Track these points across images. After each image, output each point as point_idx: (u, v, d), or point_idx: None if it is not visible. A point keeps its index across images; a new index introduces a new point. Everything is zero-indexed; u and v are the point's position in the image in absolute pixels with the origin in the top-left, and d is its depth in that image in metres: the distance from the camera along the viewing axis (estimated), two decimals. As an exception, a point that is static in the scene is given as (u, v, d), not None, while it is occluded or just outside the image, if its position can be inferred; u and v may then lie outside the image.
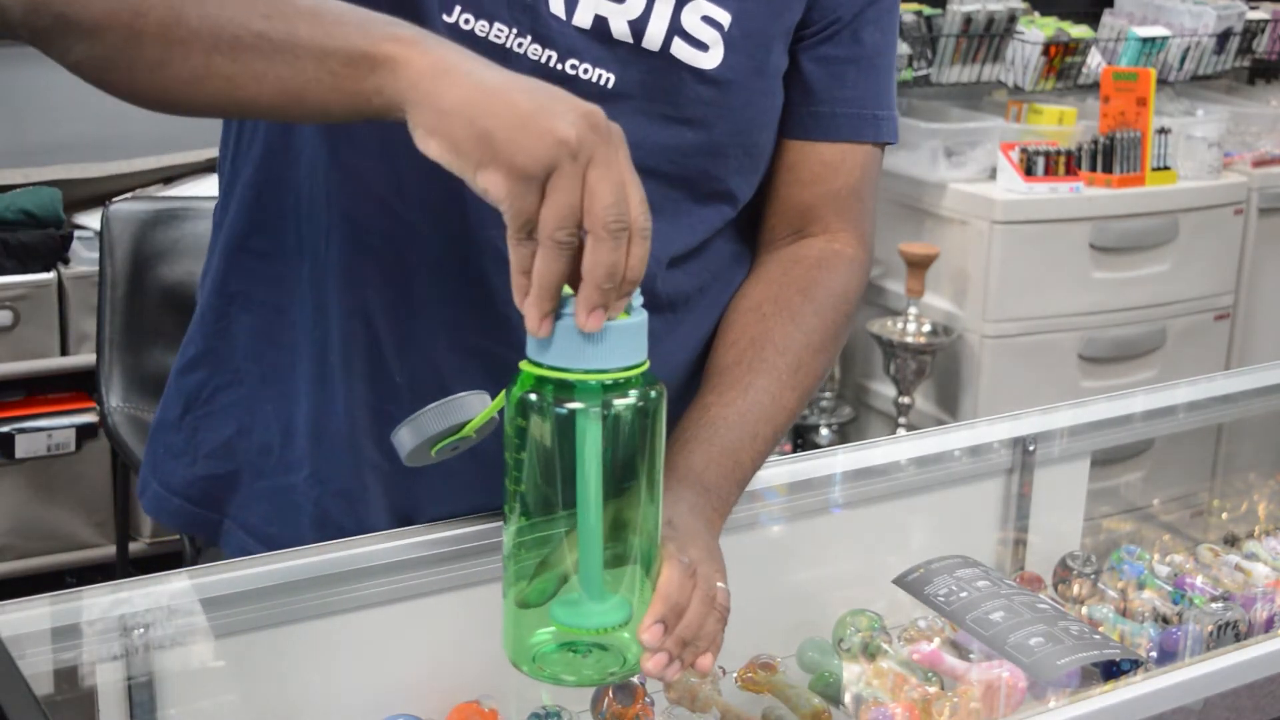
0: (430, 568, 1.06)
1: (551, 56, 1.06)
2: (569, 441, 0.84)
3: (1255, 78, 4.06)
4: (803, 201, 1.20)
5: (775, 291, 1.17)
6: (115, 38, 0.89)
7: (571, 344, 0.83)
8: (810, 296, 1.17)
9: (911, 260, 3.20)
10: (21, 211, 2.73)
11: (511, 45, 1.05)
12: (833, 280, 1.19)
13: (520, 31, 1.05)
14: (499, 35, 1.05)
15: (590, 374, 0.84)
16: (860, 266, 1.22)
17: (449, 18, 1.04)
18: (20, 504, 2.75)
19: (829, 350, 1.17)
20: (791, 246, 1.21)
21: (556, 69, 1.06)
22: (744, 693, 1.12)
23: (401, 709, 1.04)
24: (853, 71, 1.18)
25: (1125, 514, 1.50)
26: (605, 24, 1.07)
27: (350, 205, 1.10)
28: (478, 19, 1.04)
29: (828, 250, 1.20)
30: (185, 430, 1.21)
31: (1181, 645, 1.17)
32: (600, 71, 1.07)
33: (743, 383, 1.11)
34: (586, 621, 0.87)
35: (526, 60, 1.05)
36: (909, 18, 3.44)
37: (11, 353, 2.71)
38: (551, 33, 1.06)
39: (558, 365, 0.84)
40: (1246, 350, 3.58)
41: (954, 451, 1.31)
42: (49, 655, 0.96)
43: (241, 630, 1.01)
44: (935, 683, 1.09)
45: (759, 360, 1.12)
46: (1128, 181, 3.31)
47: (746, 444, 1.08)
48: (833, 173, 1.20)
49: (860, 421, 3.54)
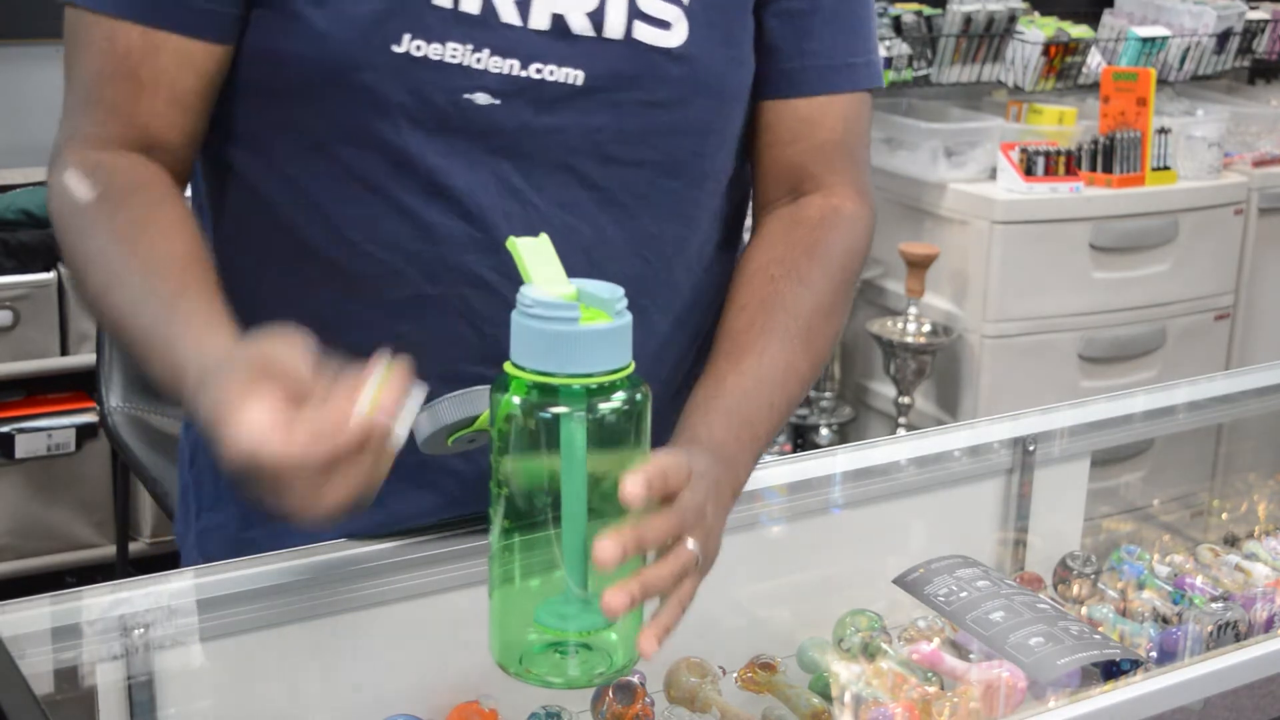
0: (430, 568, 1.06)
1: (514, 65, 1.05)
2: (554, 445, 0.84)
3: (1255, 78, 4.06)
4: (789, 161, 1.19)
5: (781, 253, 1.15)
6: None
7: (556, 348, 0.83)
8: (816, 257, 1.15)
9: (911, 260, 3.20)
10: (21, 211, 2.73)
11: (469, 63, 1.04)
12: (837, 239, 1.17)
13: (476, 47, 1.04)
14: (454, 55, 1.03)
15: (575, 378, 0.83)
16: (862, 221, 1.20)
17: (398, 48, 1.02)
18: (20, 504, 2.75)
19: (839, 312, 1.16)
20: (790, 207, 1.19)
21: (521, 77, 1.05)
22: (744, 693, 1.12)
23: (401, 709, 1.04)
24: (816, 23, 1.16)
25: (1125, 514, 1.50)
26: (564, 21, 1.05)
27: (328, 250, 1.09)
28: (429, 43, 1.03)
29: (827, 208, 1.18)
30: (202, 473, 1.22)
31: (1181, 645, 1.17)
32: (567, 70, 1.06)
33: (756, 348, 1.09)
34: (572, 623, 0.87)
35: (489, 75, 1.04)
36: (909, 18, 3.44)
37: (11, 353, 2.71)
38: (509, 42, 1.04)
39: (542, 369, 0.84)
40: (1246, 350, 3.58)
41: (954, 451, 1.31)
42: (49, 655, 0.96)
43: (241, 630, 1.01)
44: (935, 683, 1.09)
45: (771, 324, 1.10)
46: (1128, 181, 3.31)
47: (764, 414, 1.06)
48: (812, 128, 1.18)
49: (860, 421, 3.54)
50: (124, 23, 1.04)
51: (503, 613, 0.89)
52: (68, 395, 2.79)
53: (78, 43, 1.07)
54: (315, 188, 1.08)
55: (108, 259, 1.01)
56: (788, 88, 1.17)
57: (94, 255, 1.02)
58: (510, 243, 0.88)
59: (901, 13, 3.45)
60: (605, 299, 0.85)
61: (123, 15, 1.04)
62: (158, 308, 0.96)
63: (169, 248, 1.01)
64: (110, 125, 1.06)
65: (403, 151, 1.05)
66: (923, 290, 3.24)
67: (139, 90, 1.05)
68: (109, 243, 1.01)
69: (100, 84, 1.06)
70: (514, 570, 0.88)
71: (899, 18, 3.44)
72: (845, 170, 1.20)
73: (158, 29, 1.04)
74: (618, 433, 0.85)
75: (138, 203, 1.04)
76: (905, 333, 3.25)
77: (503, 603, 0.89)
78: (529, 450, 0.85)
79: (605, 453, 0.85)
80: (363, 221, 1.07)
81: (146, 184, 1.06)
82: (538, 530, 0.87)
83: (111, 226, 1.02)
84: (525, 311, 0.84)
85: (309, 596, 1.03)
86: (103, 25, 1.05)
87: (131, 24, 1.04)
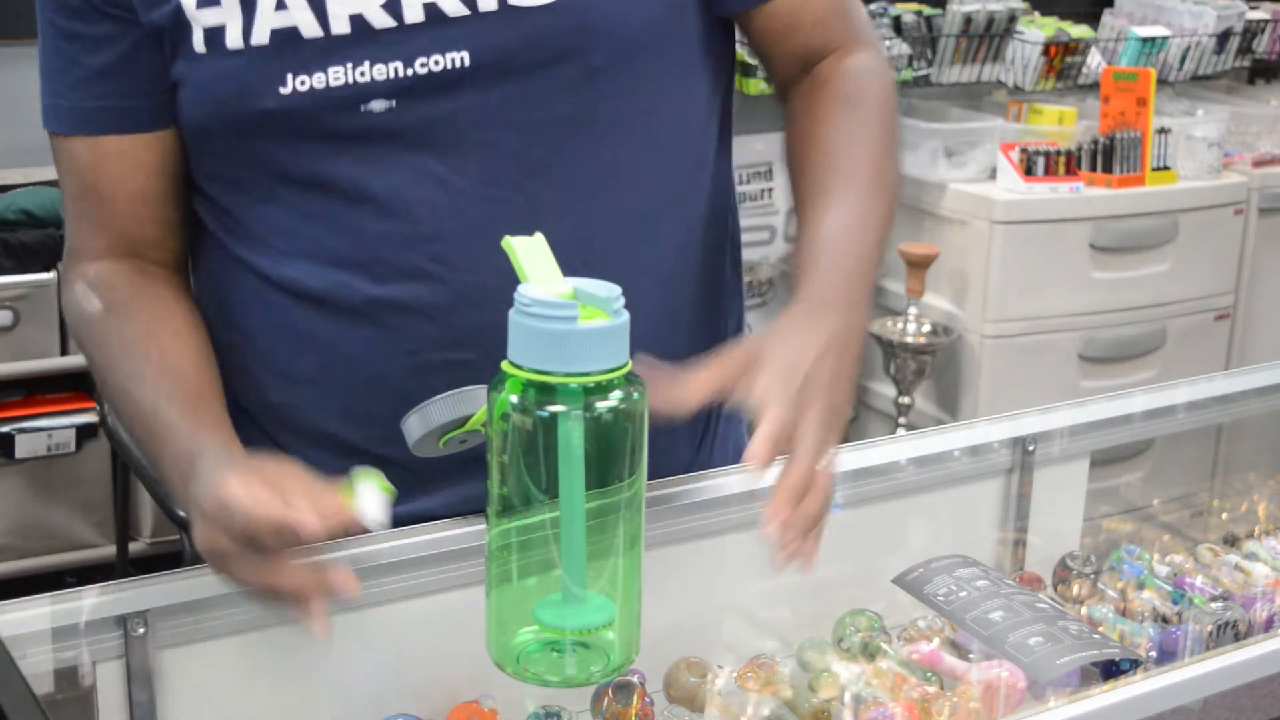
0: (430, 568, 1.06)
1: (398, 69, 1.06)
2: (551, 444, 0.84)
3: (1255, 78, 4.06)
4: (792, 50, 1.20)
5: (819, 113, 1.17)
6: None
7: (553, 346, 0.83)
8: (855, 107, 1.17)
9: (911, 260, 3.20)
10: (21, 211, 2.73)
11: (354, 79, 1.06)
12: (867, 86, 1.19)
13: (356, 63, 1.05)
14: (338, 78, 1.05)
15: (572, 377, 0.84)
16: (880, 68, 1.22)
17: (284, 89, 1.05)
18: (20, 504, 2.76)
19: (893, 151, 1.18)
20: (808, 79, 1.20)
21: (409, 75, 1.06)
22: (744, 693, 1.12)
23: (401, 709, 1.04)
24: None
25: (1125, 514, 1.50)
26: (437, 8, 1.06)
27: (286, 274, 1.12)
28: (312, 75, 1.05)
29: (845, 66, 1.19)
30: None
31: (1181, 645, 1.17)
32: (452, 55, 1.06)
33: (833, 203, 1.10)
34: (569, 621, 0.87)
35: (379, 84, 1.06)
36: (909, 18, 3.44)
37: (11, 353, 2.71)
38: (386, 47, 1.06)
39: (540, 368, 0.84)
40: (1246, 350, 3.58)
41: (954, 451, 1.31)
42: (49, 655, 0.96)
43: (241, 630, 1.01)
44: (935, 683, 1.09)
45: (837, 181, 1.12)
46: (1128, 181, 3.31)
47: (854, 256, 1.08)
48: (802, 13, 1.19)
49: (860, 421, 3.54)
50: (75, 139, 1.13)
51: (499, 611, 0.89)
52: (68, 395, 2.79)
53: (57, 164, 1.17)
54: (266, 228, 1.13)
55: (124, 369, 1.10)
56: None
57: (112, 364, 1.11)
58: (505, 243, 0.88)
59: (901, 13, 3.45)
60: (602, 298, 0.85)
61: (70, 133, 1.13)
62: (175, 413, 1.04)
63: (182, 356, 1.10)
64: (97, 237, 1.15)
65: (321, 174, 1.09)
66: (923, 290, 3.24)
67: (103, 201, 1.14)
68: (123, 355, 1.10)
69: (76, 200, 1.16)
70: (511, 569, 0.88)
71: (899, 18, 3.44)
72: (844, 30, 1.21)
73: (100, 138, 1.12)
74: (615, 431, 0.85)
75: (146, 306, 1.13)
76: (905, 333, 3.25)
77: (499, 601, 0.89)
78: (526, 449, 0.85)
79: (603, 450, 0.85)
80: (309, 244, 1.11)
81: (149, 288, 1.14)
82: (535, 529, 0.87)
83: (121, 335, 1.11)
84: (523, 310, 0.84)
85: (309, 596, 1.03)
86: (64, 146, 1.15)
87: (80, 139, 1.13)
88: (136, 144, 1.13)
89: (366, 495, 0.89)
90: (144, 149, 1.13)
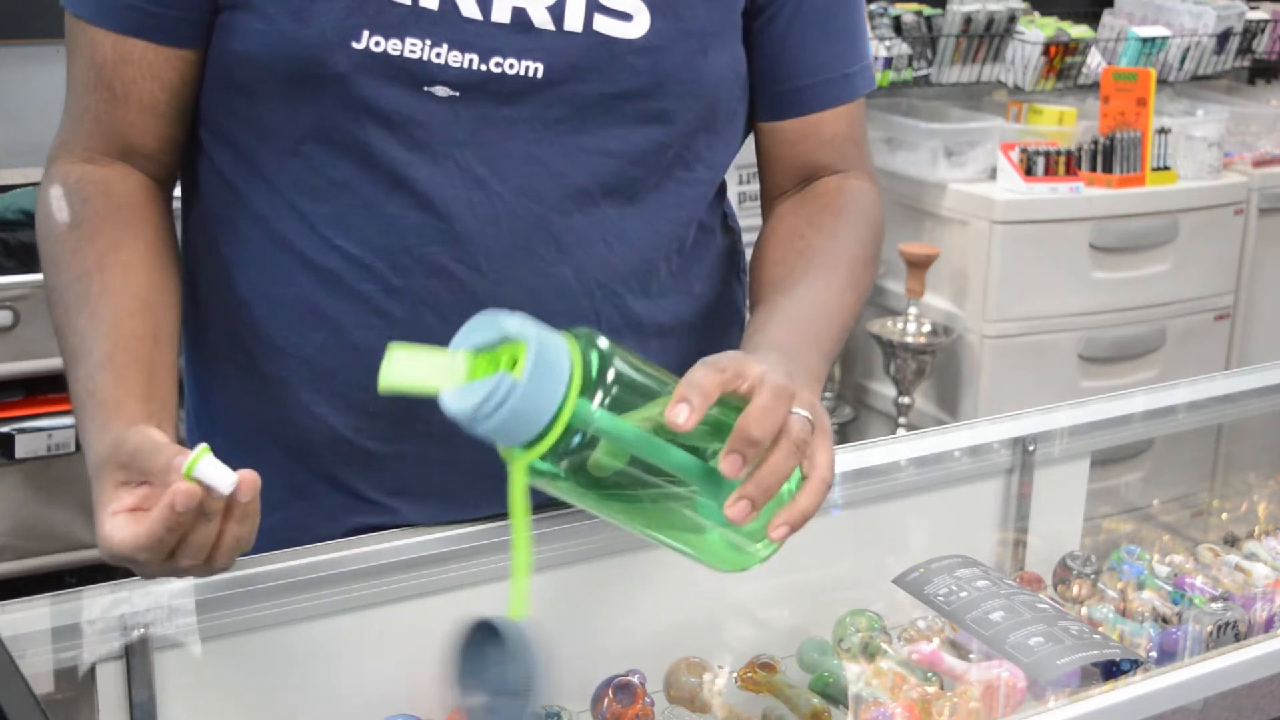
0: (430, 568, 1.06)
1: (473, 60, 1.06)
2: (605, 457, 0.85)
3: (1255, 78, 4.06)
4: (796, 159, 1.22)
5: (808, 217, 1.19)
6: None
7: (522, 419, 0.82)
8: (844, 217, 1.19)
9: (911, 260, 3.20)
10: (21, 211, 2.73)
11: (429, 57, 1.05)
12: (859, 203, 1.21)
13: (435, 42, 1.05)
14: (413, 50, 1.05)
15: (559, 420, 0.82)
16: (877, 201, 1.24)
17: (358, 44, 1.04)
18: (20, 504, 2.75)
19: (872, 267, 1.19)
20: (804, 189, 1.22)
21: (481, 70, 1.06)
22: (744, 693, 1.12)
23: (401, 709, 1.04)
24: (813, 36, 1.18)
25: (1125, 514, 1.50)
26: (525, 15, 1.06)
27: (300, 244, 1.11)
28: (388, 39, 1.04)
29: (843, 183, 1.22)
30: None
31: (1181, 645, 1.17)
32: (527, 63, 1.06)
33: (803, 283, 1.12)
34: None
35: (450, 70, 1.05)
36: (909, 18, 3.44)
37: (11, 353, 2.71)
38: (468, 36, 1.05)
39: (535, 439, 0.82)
40: (1246, 350, 3.58)
41: (954, 452, 1.31)
42: (49, 655, 0.96)
43: (241, 630, 1.01)
44: (935, 683, 1.09)
45: (811, 268, 1.14)
46: (1128, 181, 3.31)
47: (821, 324, 1.09)
48: (818, 129, 1.21)
49: (860, 421, 3.54)
50: (100, 31, 1.08)
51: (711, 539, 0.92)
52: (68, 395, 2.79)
53: (71, 49, 1.12)
54: (286, 184, 1.10)
55: (66, 300, 1.07)
56: (790, 109, 1.20)
57: (60, 289, 1.08)
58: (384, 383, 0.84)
59: (901, 13, 3.45)
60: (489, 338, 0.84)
61: (96, 23, 1.08)
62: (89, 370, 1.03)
63: (118, 299, 1.05)
64: (95, 136, 1.11)
65: (365, 146, 1.07)
66: (923, 290, 3.24)
67: (114, 100, 1.10)
68: (71, 280, 1.07)
69: (86, 93, 1.11)
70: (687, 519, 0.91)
71: (899, 18, 3.44)
72: (852, 157, 1.23)
73: (126, 36, 1.08)
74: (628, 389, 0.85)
75: (109, 228, 1.09)
76: (905, 333, 3.25)
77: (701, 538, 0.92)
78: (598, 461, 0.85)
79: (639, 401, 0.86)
80: (331, 217, 1.09)
81: (123, 204, 1.10)
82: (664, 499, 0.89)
83: (75, 260, 1.08)
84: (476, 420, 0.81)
85: (309, 596, 1.03)
86: (87, 33, 1.09)
87: (106, 32, 1.08)
88: (162, 56, 1.09)
89: (206, 470, 0.88)
90: (172, 64, 1.09)
